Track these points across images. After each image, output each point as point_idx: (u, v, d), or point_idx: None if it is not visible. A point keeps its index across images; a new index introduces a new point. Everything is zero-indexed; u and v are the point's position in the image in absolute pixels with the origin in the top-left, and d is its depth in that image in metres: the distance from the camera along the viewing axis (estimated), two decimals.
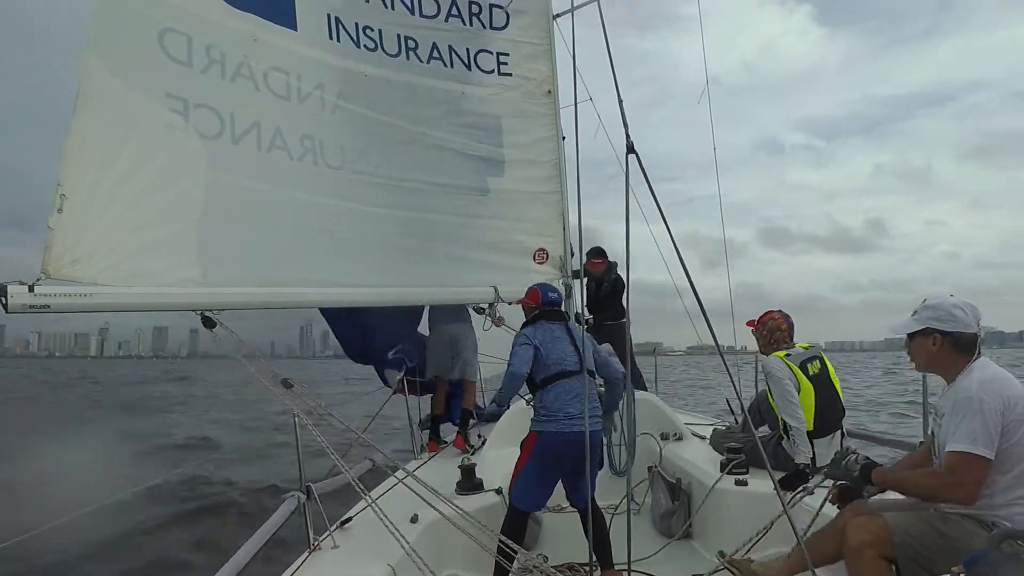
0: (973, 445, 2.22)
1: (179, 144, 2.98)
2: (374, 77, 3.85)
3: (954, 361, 2.42)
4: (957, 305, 2.43)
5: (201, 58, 3.14)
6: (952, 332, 2.41)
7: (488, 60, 4.25)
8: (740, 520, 3.57)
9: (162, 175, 2.88)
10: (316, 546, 2.90)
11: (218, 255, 3.02)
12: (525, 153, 4.28)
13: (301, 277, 3.33)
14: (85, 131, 2.63)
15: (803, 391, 3.79)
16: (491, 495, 3.77)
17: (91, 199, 2.59)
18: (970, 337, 2.42)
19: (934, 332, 2.44)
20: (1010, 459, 2.24)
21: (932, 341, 2.44)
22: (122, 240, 2.67)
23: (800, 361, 3.88)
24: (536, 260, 4.22)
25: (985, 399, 2.24)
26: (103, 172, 2.66)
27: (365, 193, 3.70)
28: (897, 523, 2.38)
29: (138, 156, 2.80)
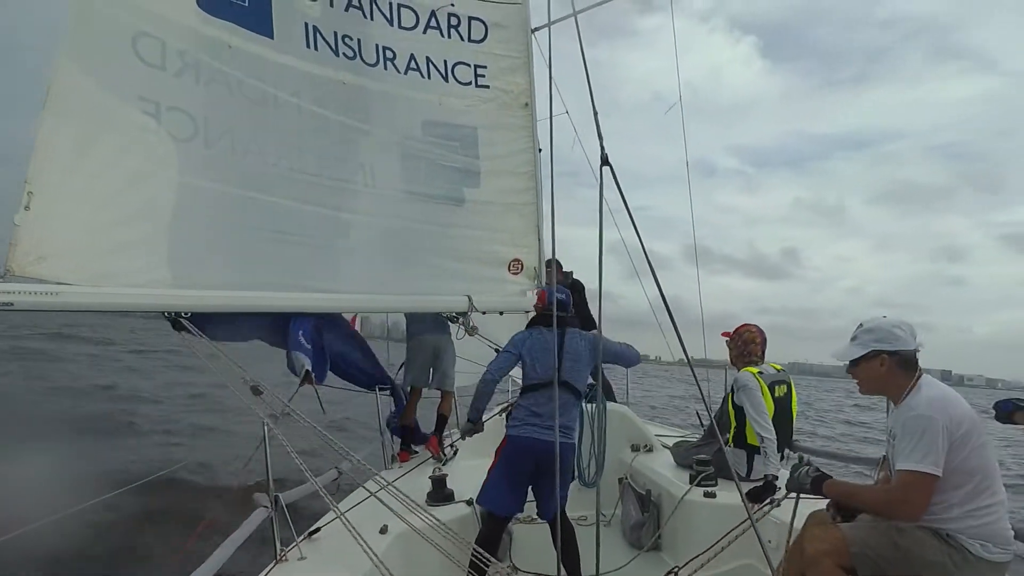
0: (923, 463, 2.30)
1: (151, 146, 2.95)
2: (352, 86, 3.85)
3: (901, 380, 2.50)
4: (896, 324, 2.52)
5: (175, 62, 3.12)
6: (897, 351, 2.48)
7: (465, 72, 4.28)
8: (709, 531, 3.61)
9: (133, 176, 2.84)
10: (282, 557, 2.86)
11: (189, 258, 2.99)
12: (501, 164, 4.30)
13: (274, 281, 3.30)
14: (55, 129, 2.59)
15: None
16: (462, 506, 3.76)
17: (59, 197, 2.54)
18: (912, 354, 2.51)
19: (880, 354, 2.51)
20: (961, 475, 2.32)
21: (880, 363, 2.52)
22: (91, 240, 2.63)
23: (770, 382, 3.99)
24: (511, 270, 4.23)
25: (934, 417, 2.32)
26: (72, 171, 2.62)
27: (341, 200, 3.69)
28: (854, 534, 2.45)
29: (109, 156, 2.76)
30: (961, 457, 2.31)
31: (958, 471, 2.31)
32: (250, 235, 3.30)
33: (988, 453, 2.36)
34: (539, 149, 4.40)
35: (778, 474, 3.73)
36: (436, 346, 4.98)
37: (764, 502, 3.50)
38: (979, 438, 2.34)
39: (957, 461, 2.31)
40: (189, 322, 2.74)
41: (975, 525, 2.30)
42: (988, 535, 2.29)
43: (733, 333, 4.31)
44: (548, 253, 4.24)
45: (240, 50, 3.39)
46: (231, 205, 3.22)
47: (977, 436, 2.34)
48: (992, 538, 2.29)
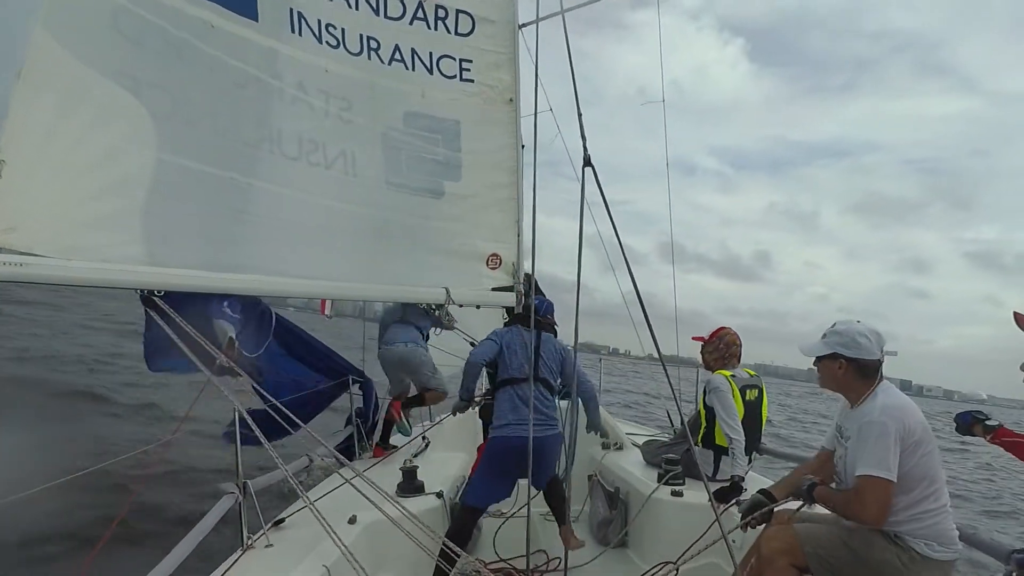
0: (878, 468, 2.38)
1: (129, 121, 2.89)
2: (335, 73, 3.82)
3: (857, 385, 2.59)
4: (862, 333, 2.58)
5: (156, 40, 3.06)
6: (856, 359, 2.55)
7: (451, 65, 4.27)
8: (675, 530, 3.65)
9: (109, 151, 2.78)
10: (250, 545, 2.82)
11: (165, 236, 2.94)
12: (483, 159, 4.30)
13: (249, 264, 3.26)
14: (31, 100, 2.53)
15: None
16: (432, 498, 3.76)
17: (33, 168, 2.48)
18: (873, 363, 2.58)
19: (840, 357, 2.58)
20: (910, 480, 2.41)
21: (838, 366, 2.60)
22: (64, 212, 2.57)
23: (742, 385, 4.04)
24: (489, 265, 4.24)
25: (888, 423, 2.40)
26: (47, 143, 2.56)
27: (319, 186, 3.66)
28: (807, 533, 2.52)
29: (85, 130, 2.70)
30: (911, 463, 2.40)
31: (907, 476, 2.40)
32: (227, 216, 3.26)
33: (935, 461, 2.46)
34: (522, 146, 4.41)
35: (744, 475, 3.80)
36: (402, 357, 4.86)
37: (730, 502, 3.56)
38: (928, 446, 2.44)
39: (907, 467, 2.40)
40: (163, 301, 2.69)
41: (921, 527, 2.39)
42: (933, 536, 2.39)
43: (713, 336, 4.32)
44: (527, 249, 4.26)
45: (223, 30, 3.34)
46: (209, 185, 3.17)
47: (927, 444, 2.43)
48: (937, 538, 2.38)
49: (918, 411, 2.50)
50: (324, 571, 2.65)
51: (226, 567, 2.61)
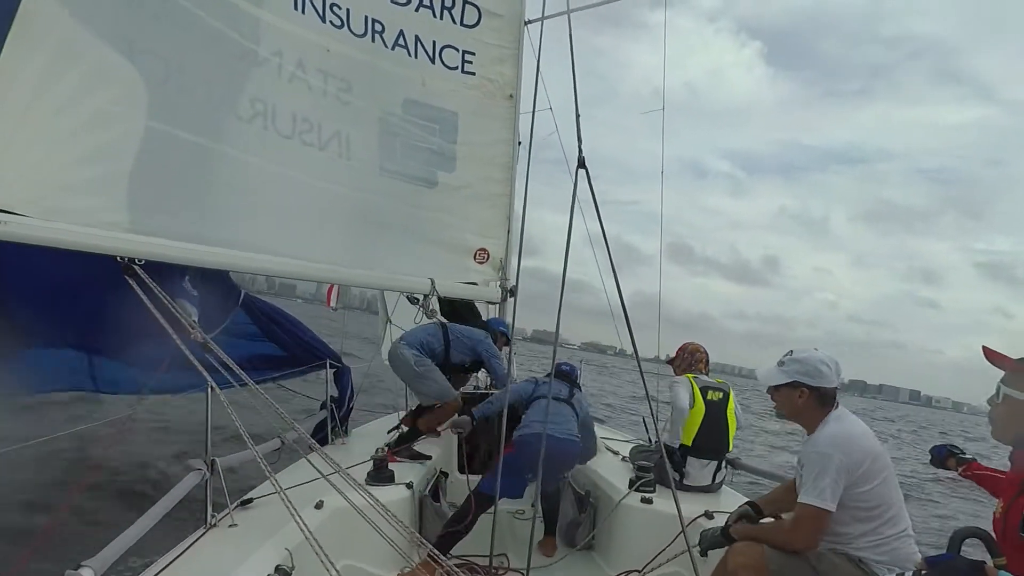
0: (818, 499, 2.41)
1: (121, 85, 2.82)
2: (336, 53, 3.78)
3: (816, 414, 2.60)
4: (823, 361, 2.58)
5: (153, 4, 3.01)
6: (817, 387, 2.56)
7: (453, 56, 4.24)
8: (642, 536, 3.67)
9: (99, 114, 2.72)
10: (213, 523, 2.79)
11: (150, 204, 2.88)
12: (478, 152, 4.28)
13: (234, 239, 3.22)
14: (21, 56, 2.46)
15: (695, 409, 4.00)
16: (402, 489, 3.73)
17: (19, 126, 2.42)
18: (832, 392, 2.60)
19: (801, 386, 2.58)
20: (864, 509, 2.46)
21: (799, 394, 2.60)
22: (48, 174, 2.51)
23: (703, 385, 4.09)
24: (476, 260, 4.23)
25: (833, 455, 2.42)
26: (35, 102, 2.49)
27: (311, 166, 3.62)
28: (774, 554, 2.53)
29: (76, 90, 2.63)
30: (862, 491, 2.42)
31: (860, 506, 2.43)
32: (215, 189, 3.21)
33: (890, 487, 2.47)
34: (519, 143, 4.40)
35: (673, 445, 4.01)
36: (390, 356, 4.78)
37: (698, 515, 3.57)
38: (882, 473, 2.45)
39: (858, 495, 2.42)
40: (142, 270, 2.64)
41: (882, 552, 2.43)
42: (895, 560, 2.41)
43: (678, 350, 4.45)
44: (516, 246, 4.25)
45: (225, 1, 3.28)
46: (198, 156, 3.12)
47: (880, 471, 2.44)
48: (899, 563, 2.41)
49: (869, 439, 2.51)
50: (287, 554, 2.63)
51: (187, 544, 2.59)
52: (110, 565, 2.16)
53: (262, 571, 2.46)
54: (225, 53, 3.29)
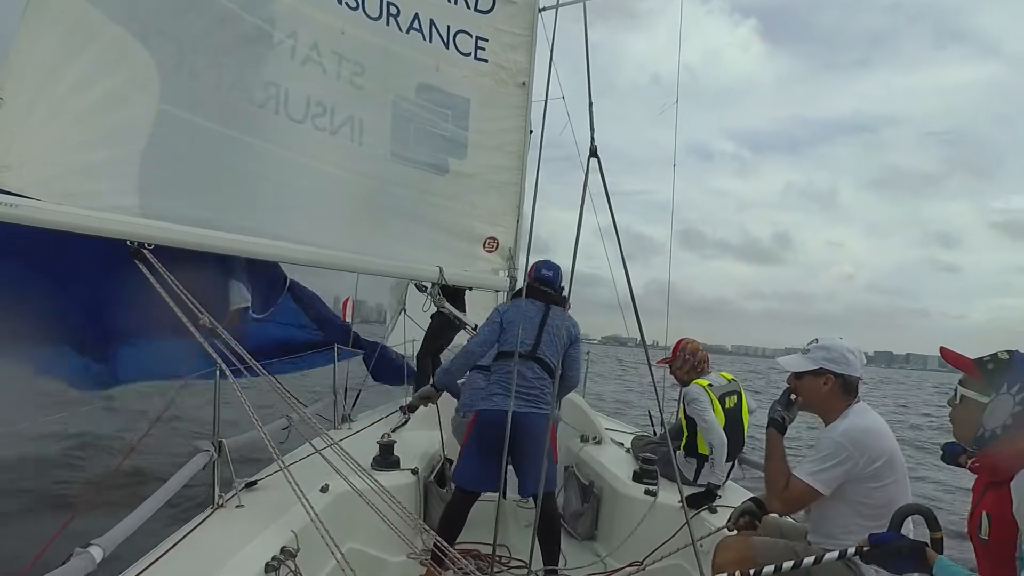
0: (812, 477, 2.39)
1: (134, 68, 2.83)
2: (351, 36, 3.76)
3: (838, 403, 2.54)
4: (849, 349, 2.54)
5: None
6: (843, 375, 2.51)
7: (467, 42, 4.21)
8: (644, 528, 3.67)
9: (111, 96, 2.73)
10: (220, 504, 2.82)
11: (159, 188, 2.89)
12: (490, 140, 4.26)
13: (242, 224, 3.22)
14: (34, 37, 2.47)
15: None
16: (407, 474, 3.75)
17: (32, 108, 2.43)
18: (855, 381, 2.56)
19: (827, 373, 2.52)
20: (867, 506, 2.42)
21: (824, 381, 2.53)
22: (59, 156, 2.53)
23: (720, 393, 4.02)
24: (486, 248, 4.22)
25: (843, 445, 2.39)
26: (48, 83, 2.51)
27: (323, 151, 3.61)
28: (763, 546, 2.53)
29: (89, 73, 2.65)
30: (869, 488, 2.37)
31: (866, 503, 2.38)
32: (225, 174, 3.21)
33: (900, 490, 2.41)
34: (530, 131, 4.37)
35: (720, 484, 3.80)
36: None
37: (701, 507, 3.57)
38: (894, 475, 2.40)
39: (863, 492, 2.38)
40: (152, 254, 2.65)
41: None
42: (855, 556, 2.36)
43: (675, 352, 4.16)
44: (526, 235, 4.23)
45: None
46: (209, 140, 3.12)
47: (892, 472, 2.39)
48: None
49: (887, 438, 2.45)
50: (292, 536, 2.65)
51: (195, 524, 2.61)
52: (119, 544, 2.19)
53: (267, 552, 2.48)
54: (238, 35, 3.28)
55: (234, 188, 3.25)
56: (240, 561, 2.35)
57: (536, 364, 3.40)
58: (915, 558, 1.86)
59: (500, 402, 3.31)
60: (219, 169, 3.19)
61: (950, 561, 1.83)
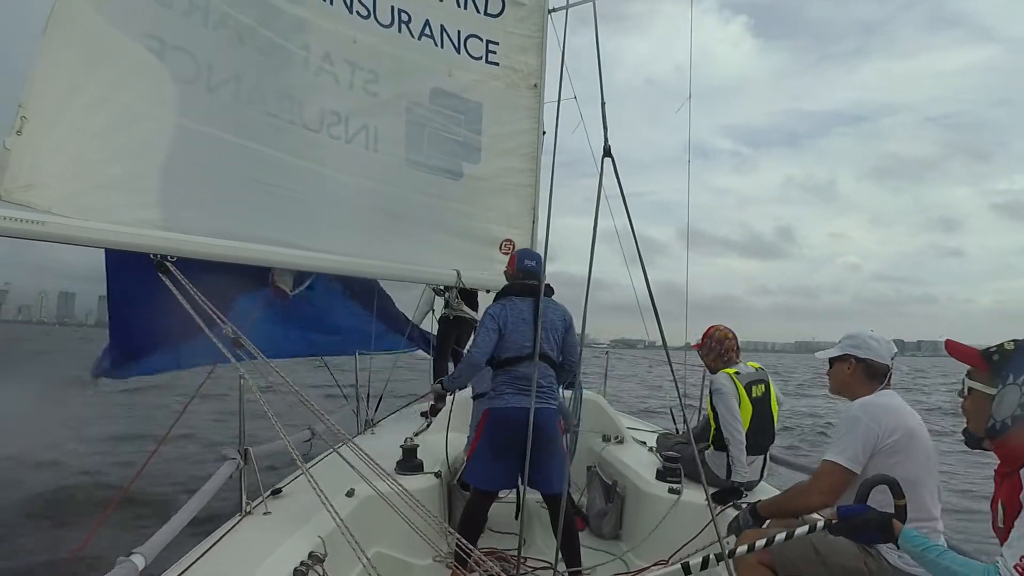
0: (839, 456, 2.40)
1: (151, 84, 2.89)
2: (363, 44, 3.80)
3: (863, 386, 2.60)
4: (874, 337, 2.64)
5: (183, 1, 3.05)
6: (866, 359, 2.59)
7: (478, 46, 4.24)
8: (669, 527, 3.65)
9: (130, 112, 2.78)
10: (248, 511, 2.85)
11: (180, 201, 2.94)
12: (503, 143, 4.28)
13: (262, 235, 3.26)
14: (55, 57, 2.53)
15: (742, 410, 3.87)
16: (430, 477, 3.77)
17: (54, 126, 2.48)
18: (882, 367, 2.59)
19: (850, 357, 2.62)
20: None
21: (847, 366, 2.63)
22: (82, 172, 2.58)
23: (747, 382, 3.96)
24: (502, 250, 4.23)
25: (861, 418, 2.42)
26: (69, 100, 2.56)
27: (340, 160, 3.65)
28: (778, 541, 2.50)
29: (108, 89, 2.70)
30: (887, 464, 2.34)
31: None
32: (243, 185, 3.26)
33: (921, 469, 2.37)
34: (543, 132, 4.37)
35: (744, 481, 3.76)
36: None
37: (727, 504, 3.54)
38: (913, 453, 2.37)
39: (882, 468, 2.33)
40: (175, 266, 2.70)
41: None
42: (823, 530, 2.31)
43: (704, 337, 4.16)
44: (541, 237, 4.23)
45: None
46: (226, 152, 3.17)
47: (910, 450, 2.37)
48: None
49: (909, 416, 2.45)
50: (319, 541, 2.68)
51: (224, 531, 2.65)
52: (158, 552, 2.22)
53: (296, 558, 2.51)
54: (253, 48, 3.32)
55: (252, 199, 3.29)
56: (269, 567, 2.38)
57: (541, 361, 3.34)
58: (882, 529, 1.91)
59: (511, 399, 3.35)
60: (238, 180, 3.23)
61: (914, 531, 1.90)
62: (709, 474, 3.77)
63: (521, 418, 2.98)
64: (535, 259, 3.58)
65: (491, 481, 3.44)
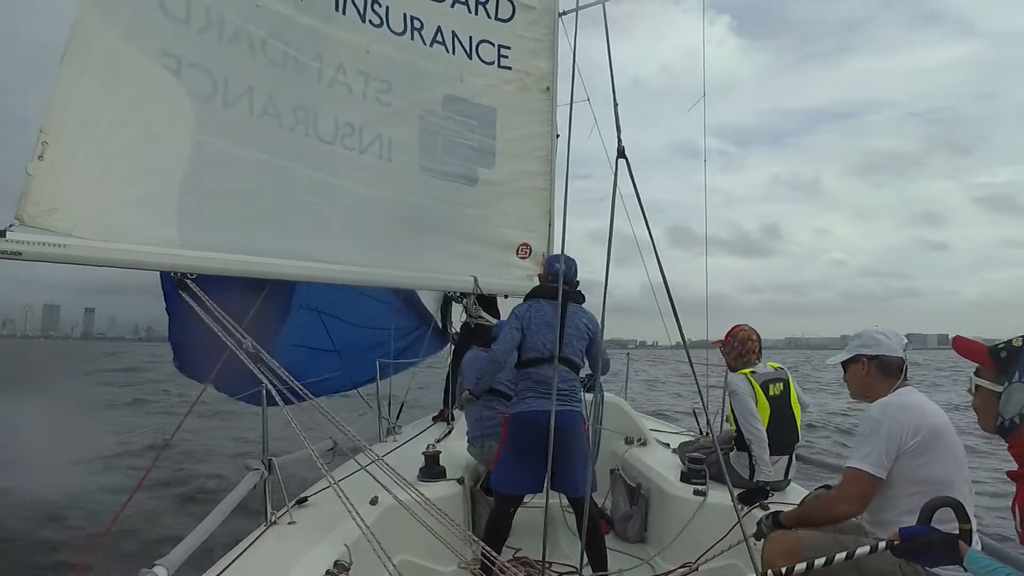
0: (863, 462, 2.34)
1: (169, 102, 2.93)
2: (375, 54, 3.81)
3: (880, 384, 2.53)
4: (880, 331, 2.59)
5: (200, 18, 3.09)
6: (878, 356, 2.54)
7: (489, 51, 4.24)
8: (695, 529, 3.62)
9: (148, 132, 2.82)
10: (273, 521, 2.88)
11: (199, 218, 2.97)
12: (517, 147, 4.28)
13: (281, 248, 3.29)
14: (73, 80, 2.57)
15: (759, 407, 3.81)
16: (453, 484, 3.78)
17: (74, 149, 2.53)
18: (896, 361, 2.53)
19: (862, 358, 2.57)
20: (913, 484, 2.33)
21: (861, 367, 2.58)
22: (102, 194, 2.62)
23: (763, 380, 3.92)
24: (519, 255, 4.23)
25: (883, 421, 2.35)
26: (88, 123, 2.60)
27: (354, 171, 3.67)
28: (810, 540, 2.48)
29: (125, 111, 2.74)
30: (914, 466, 2.30)
31: (910, 480, 2.30)
32: (260, 200, 3.29)
33: (948, 467, 2.32)
34: (556, 135, 4.37)
35: (769, 480, 3.71)
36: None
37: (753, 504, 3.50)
38: (940, 451, 2.31)
39: (908, 470, 2.30)
40: (195, 283, 2.73)
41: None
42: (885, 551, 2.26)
43: (727, 337, 4.15)
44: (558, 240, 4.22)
45: (267, 9, 3.35)
46: (243, 167, 3.21)
47: (937, 449, 2.31)
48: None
49: (930, 413, 2.38)
50: (345, 550, 2.70)
51: (249, 541, 2.68)
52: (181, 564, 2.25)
53: (321, 567, 2.53)
54: (267, 62, 3.36)
55: (270, 213, 3.32)
56: None
57: (562, 364, 3.36)
58: (947, 551, 1.83)
59: (532, 403, 3.37)
60: (255, 195, 3.27)
61: (980, 553, 1.80)
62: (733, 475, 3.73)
63: (544, 421, 2.98)
64: (567, 263, 3.52)
65: (515, 485, 3.46)
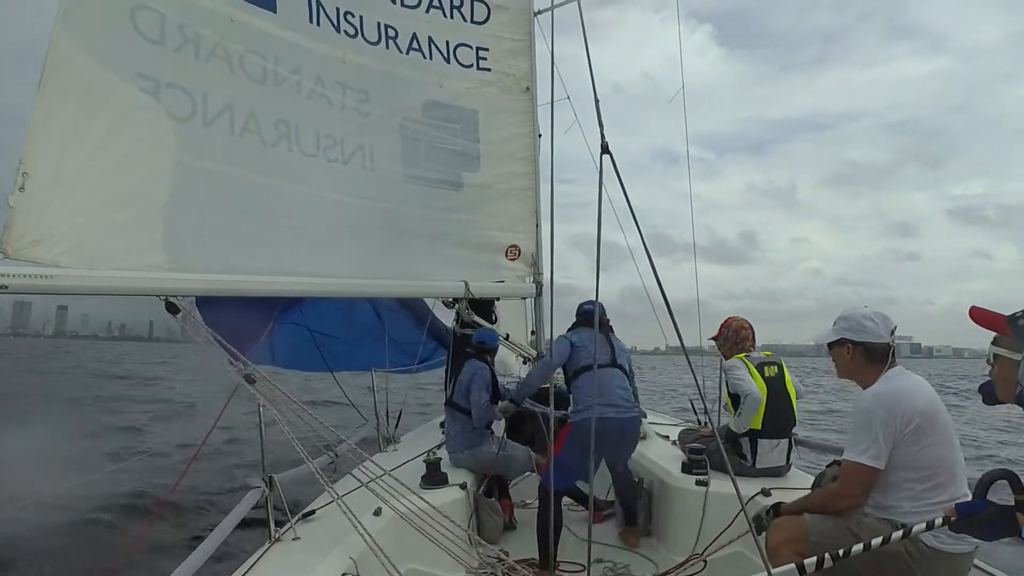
0: (863, 455, 2.35)
1: (148, 125, 2.89)
2: (352, 64, 3.80)
3: (867, 370, 2.54)
4: (867, 316, 2.57)
5: (174, 37, 3.06)
6: (863, 342, 2.53)
7: (467, 54, 4.24)
8: (699, 520, 3.64)
9: (129, 156, 2.79)
10: (277, 538, 2.87)
11: (185, 240, 2.95)
12: (501, 149, 4.28)
13: (270, 266, 3.27)
14: (51, 109, 2.54)
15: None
16: (456, 489, 3.78)
17: (55, 179, 2.50)
18: (881, 347, 2.53)
19: (847, 342, 2.56)
20: (912, 470, 2.35)
21: (846, 351, 2.58)
22: (86, 222, 2.59)
23: (758, 363, 3.96)
24: (508, 256, 4.23)
25: (876, 412, 2.35)
26: (68, 151, 2.57)
27: (338, 182, 3.65)
28: (814, 524, 2.49)
29: (105, 136, 2.71)
30: (911, 452, 2.32)
31: (908, 466, 2.33)
32: (245, 217, 3.27)
33: (944, 450, 2.35)
34: (539, 135, 4.37)
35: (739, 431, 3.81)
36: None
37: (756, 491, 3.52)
38: (935, 435, 2.33)
39: (906, 456, 2.32)
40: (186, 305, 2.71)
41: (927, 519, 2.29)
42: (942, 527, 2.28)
43: (721, 327, 4.25)
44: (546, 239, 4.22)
45: (242, 23, 3.32)
46: (227, 186, 3.18)
47: (932, 433, 2.33)
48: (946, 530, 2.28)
49: (923, 398, 2.39)
50: (351, 563, 2.69)
51: (254, 560, 2.66)
52: None
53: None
54: (245, 78, 3.33)
55: (256, 229, 3.30)
56: None
57: (618, 370, 3.90)
58: (1004, 522, 1.82)
59: (606, 411, 3.70)
60: (240, 212, 3.25)
61: None
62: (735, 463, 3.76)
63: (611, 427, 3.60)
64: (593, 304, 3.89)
65: (570, 480, 3.88)
